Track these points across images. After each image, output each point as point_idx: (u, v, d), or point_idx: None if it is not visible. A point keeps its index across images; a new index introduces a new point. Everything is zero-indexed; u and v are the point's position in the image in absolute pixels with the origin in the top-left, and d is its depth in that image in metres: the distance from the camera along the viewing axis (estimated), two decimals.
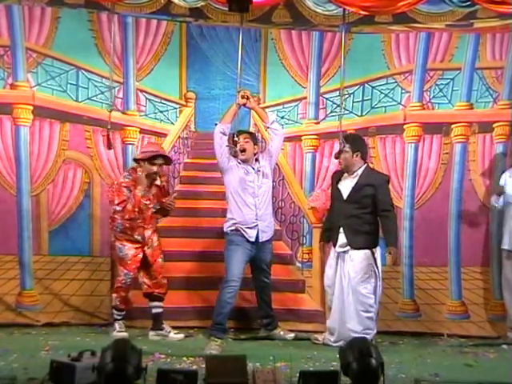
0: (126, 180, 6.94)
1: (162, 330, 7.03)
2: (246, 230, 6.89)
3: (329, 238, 7.06)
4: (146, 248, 6.99)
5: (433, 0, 7.18)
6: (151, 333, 7.07)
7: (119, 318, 7.07)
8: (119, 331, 6.96)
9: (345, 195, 6.88)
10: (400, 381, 5.56)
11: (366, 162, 6.97)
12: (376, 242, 6.85)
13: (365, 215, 6.82)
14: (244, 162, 6.98)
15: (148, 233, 7.01)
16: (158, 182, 6.99)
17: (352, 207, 6.83)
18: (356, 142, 6.94)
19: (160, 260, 7.07)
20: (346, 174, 6.95)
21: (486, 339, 7.42)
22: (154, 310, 7.06)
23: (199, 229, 7.62)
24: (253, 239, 6.90)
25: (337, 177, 7.06)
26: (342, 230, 6.88)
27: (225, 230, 7.00)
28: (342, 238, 6.88)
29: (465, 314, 7.79)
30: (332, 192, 7.11)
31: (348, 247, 6.85)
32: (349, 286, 6.81)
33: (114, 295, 7.04)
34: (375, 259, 6.82)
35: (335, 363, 5.43)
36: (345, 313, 6.83)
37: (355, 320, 6.77)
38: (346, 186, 6.89)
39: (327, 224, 7.18)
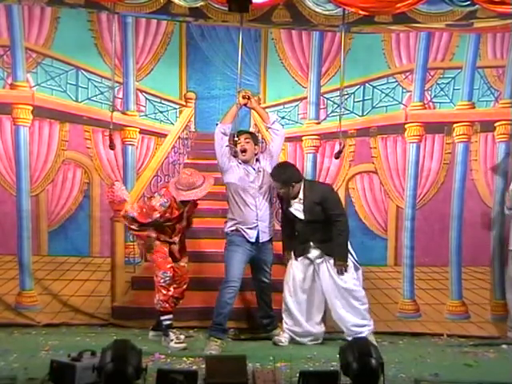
0: (162, 209, 6.69)
1: (167, 335, 6.83)
2: (246, 230, 6.89)
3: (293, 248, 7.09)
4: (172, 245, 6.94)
5: (432, 0, 7.16)
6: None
7: (170, 323, 6.78)
8: (177, 342, 6.67)
9: (301, 217, 6.92)
10: (400, 381, 5.56)
11: (301, 179, 6.96)
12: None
13: (328, 225, 6.85)
14: (244, 162, 6.97)
15: (175, 239, 6.98)
16: None
17: (313, 224, 6.89)
18: (286, 177, 6.83)
19: (185, 264, 7.03)
20: None
21: (486, 339, 7.41)
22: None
23: (199, 229, 7.59)
24: (253, 240, 6.90)
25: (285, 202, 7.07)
26: (312, 244, 6.95)
27: (225, 230, 7.00)
28: (315, 251, 6.96)
29: (465, 314, 7.78)
30: (285, 213, 7.10)
31: (324, 256, 6.90)
32: (335, 288, 6.84)
33: (156, 297, 6.76)
34: (351, 253, 6.91)
35: (335, 363, 5.43)
36: (336, 313, 6.91)
37: (354, 315, 6.83)
38: (297, 210, 6.93)
39: (289, 237, 7.15)
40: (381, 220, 7.91)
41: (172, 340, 6.69)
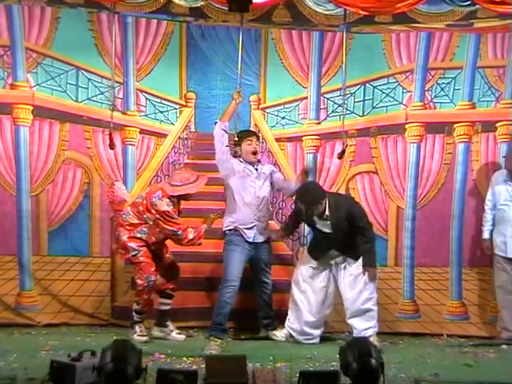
0: (171, 208, 6.80)
1: (165, 327, 7.03)
2: (244, 230, 6.88)
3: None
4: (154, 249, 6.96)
5: (432, 0, 7.16)
6: (155, 328, 7.08)
7: (139, 320, 6.93)
8: (140, 335, 6.83)
9: (327, 231, 6.86)
10: (400, 381, 5.55)
11: (326, 195, 6.82)
12: None
13: (354, 235, 6.83)
14: (251, 163, 6.96)
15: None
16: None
17: (340, 238, 6.84)
18: (312, 198, 6.68)
19: (169, 255, 7.09)
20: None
21: (486, 339, 7.41)
22: (162, 307, 7.07)
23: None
24: (251, 239, 6.90)
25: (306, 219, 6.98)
26: (334, 250, 6.93)
27: (223, 229, 6.99)
28: (337, 257, 6.97)
29: (464, 314, 7.78)
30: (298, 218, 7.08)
31: (347, 259, 6.92)
32: (353, 291, 6.86)
33: (136, 299, 6.91)
34: None
35: (335, 363, 5.41)
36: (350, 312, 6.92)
37: (366, 320, 6.85)
38: (324, 226, 6.85)
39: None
40: (381, 220, 7.90)
41: (135, 332, 6.82)
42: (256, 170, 6.99)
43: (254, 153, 6.96)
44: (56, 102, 7.58)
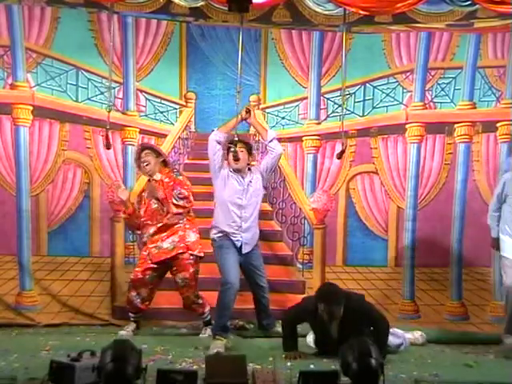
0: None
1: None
2: (232, 237, 6.80)
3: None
4: (151, 246, 6.92)
5: (432, 0, 7.16)
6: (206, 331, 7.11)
7: (131, 319, 7.06)
8: (124, 330, 6.95)
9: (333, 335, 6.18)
10: (400, 381, 5.54)
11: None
12: None
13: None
14: (237, 171, 6.83)
15: (151, 230, 6.94)
16: (156, 177, 6.96)
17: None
18: (339, 301, 6.03)
19: (169, 245, 6.93)
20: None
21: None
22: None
23: (199, 230, 7.57)
24: (238, 246, 6.82)
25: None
26: None
27: (211, 236, 6.89)
28: None
29: (464, 315, 7.78)
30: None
31: None
32: None
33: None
34: None
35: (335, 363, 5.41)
36: None
37: None
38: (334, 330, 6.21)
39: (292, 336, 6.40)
40: (381, 220, 7.91)
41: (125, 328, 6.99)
42: (245, 180, 6.82)
43: (236, 159, 6.79)
44: (56, 102, 7.59)
